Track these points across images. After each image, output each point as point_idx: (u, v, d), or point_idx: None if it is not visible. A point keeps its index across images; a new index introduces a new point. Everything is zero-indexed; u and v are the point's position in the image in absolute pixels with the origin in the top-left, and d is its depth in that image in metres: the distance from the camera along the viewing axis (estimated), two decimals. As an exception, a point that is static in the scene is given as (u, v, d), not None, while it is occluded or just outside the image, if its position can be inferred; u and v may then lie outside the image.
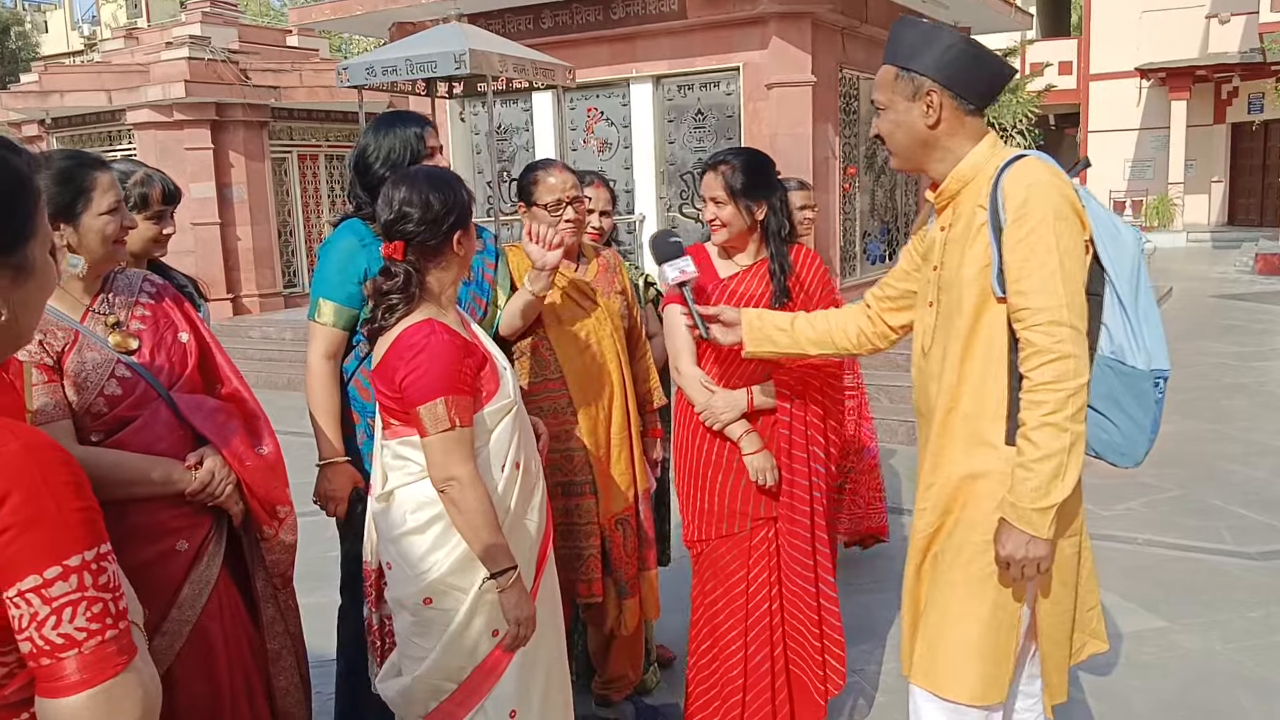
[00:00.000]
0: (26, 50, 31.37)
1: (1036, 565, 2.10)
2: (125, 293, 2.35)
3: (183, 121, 13.21)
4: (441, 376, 2.19)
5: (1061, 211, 2.08)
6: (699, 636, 3.05)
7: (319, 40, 16.79)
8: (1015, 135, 20.82)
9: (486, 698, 2.32)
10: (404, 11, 10.85)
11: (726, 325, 2.73)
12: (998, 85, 2.28)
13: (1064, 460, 2.04)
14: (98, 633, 1.20)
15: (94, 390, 2.19)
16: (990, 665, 2.20)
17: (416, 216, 2.27)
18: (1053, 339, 2.04)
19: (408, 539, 2.30)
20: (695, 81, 10.10)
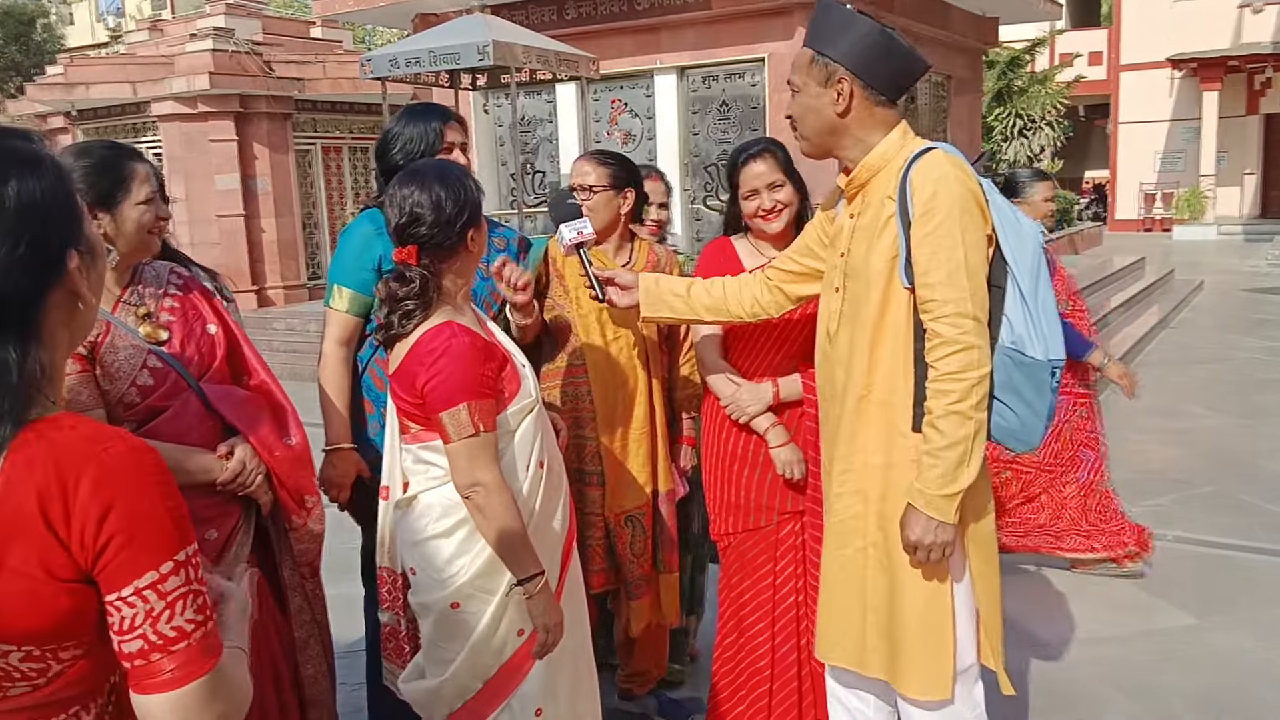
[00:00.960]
0: (52, 42, 31.60)
1: (943, 549, 2.17)
2: (154, 285, 2.37)
3: (207, 113, 13.27)
4: (464, 381, 2.14)
5: (966, 206, 2.14)
6: (725, 630, 3.02)
7: (342, 32, 16.84)
8: (1044, 127, 20.58)
9: (512, 696, 2.30)
10: (427, 3, 10.84)
11: (623, 289, 2.74)
12: (909, 78, 2.32)
13: (969, 447, 2.12)
14: (202, 624, 1.24)
15: (126, 380, 2.21)
16: (935, 659, 2.27)
17: (429, 218, 2.20)
18: (958, 330, 2.11)
19: (432, 544, 2.27)
20: (720, 73, 10.04)
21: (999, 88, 20.55)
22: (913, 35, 11.07)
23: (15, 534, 1.16)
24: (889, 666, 2.31)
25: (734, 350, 2.97)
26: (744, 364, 2.95)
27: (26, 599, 1.18)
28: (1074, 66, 23.25)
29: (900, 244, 2.18)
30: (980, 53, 13.94)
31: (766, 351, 2.88)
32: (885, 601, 2.30)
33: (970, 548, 2.30)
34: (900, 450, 2.25)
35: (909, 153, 2.23)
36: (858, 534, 2.34)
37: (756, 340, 2.92)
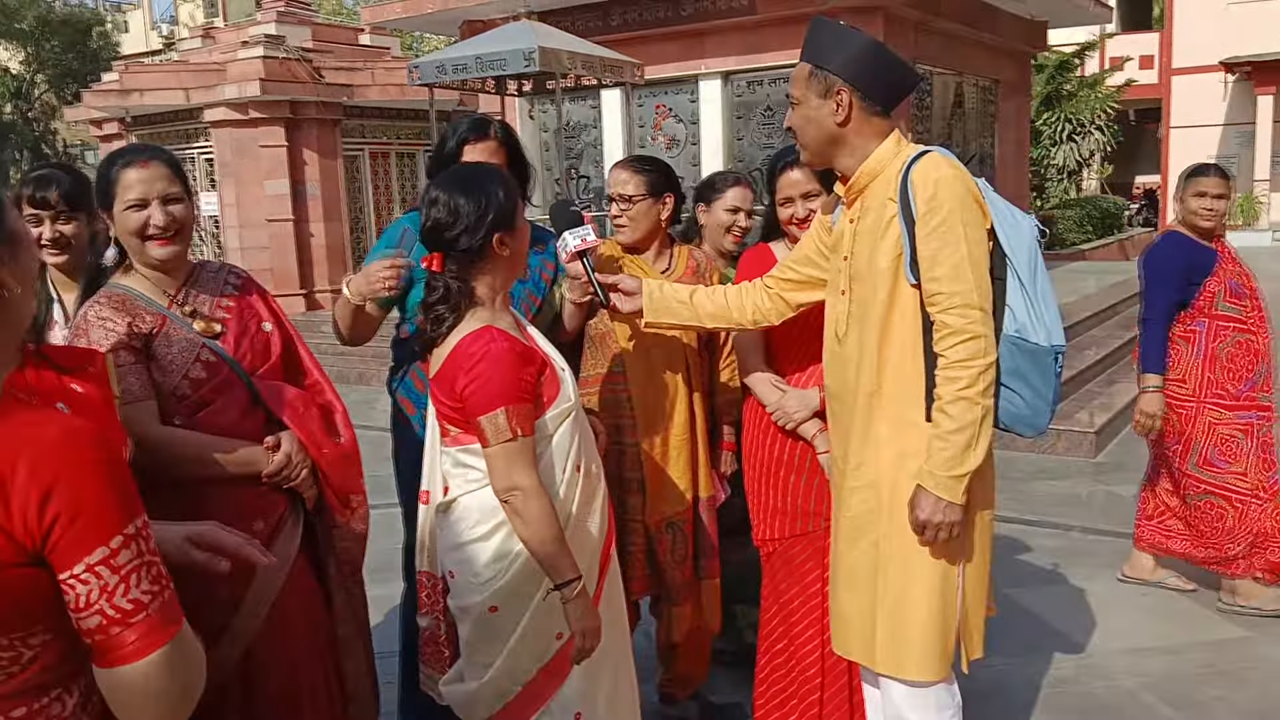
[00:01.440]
0: (107, 50, 32.26)
1: (950, 529, 2.27)
2: (210, 287, 2.43)
3: (258, 119, 13.47)
4: (502, 386, 2.15)
5: (966, 203, 2.27)
6: (771, 635, 3.02)
7: (390, 39, 17.01)
8: (1093, 131, 20.34)
9: (552, 699, 2.30)
10: (474, 9, 10.94)
11: (627, 294, 2.79)
12: (903, 89, 2.47)
13: (976, 431, 2.24)
14: (159, 594, 1.26)
15: (179, 373, 2.26)
16: (946, 639, 2.38)
17: (448, 224, 2.22)
18: (965, 320, 2.23)
19: (471, 548, 2.29)
20: (765, 77, 10.03)
21: (1048, 92, 20.34)
22: (960, 39, 11.00)
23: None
24: (894, 658, 2.39)
25: (776, 354, 2.98)
26: (786, 368, 2.95)
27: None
28: (1124, 70, 22.97)
29: (904, 242, 2.30)
30: (1029, 56, 13.81)
31: (808, 356, 2.88)
32: (897, 591, 2.37)
33: (970, 530, 2.39)
34: (911, 440, 2.34)
35: (906, 156, 2.35)
36: (871, 528, 2.42)
37: (798, 344, 2.92)
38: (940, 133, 11.07)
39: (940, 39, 10.56)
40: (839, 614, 2.54)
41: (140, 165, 2.29)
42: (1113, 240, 17.41)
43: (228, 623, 2.23)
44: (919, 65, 10.31)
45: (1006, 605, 3.87)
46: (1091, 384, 8.08)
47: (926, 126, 10.65)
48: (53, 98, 30.71)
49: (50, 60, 30.69)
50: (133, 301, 2.29)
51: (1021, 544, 5.11)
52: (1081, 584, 4.60)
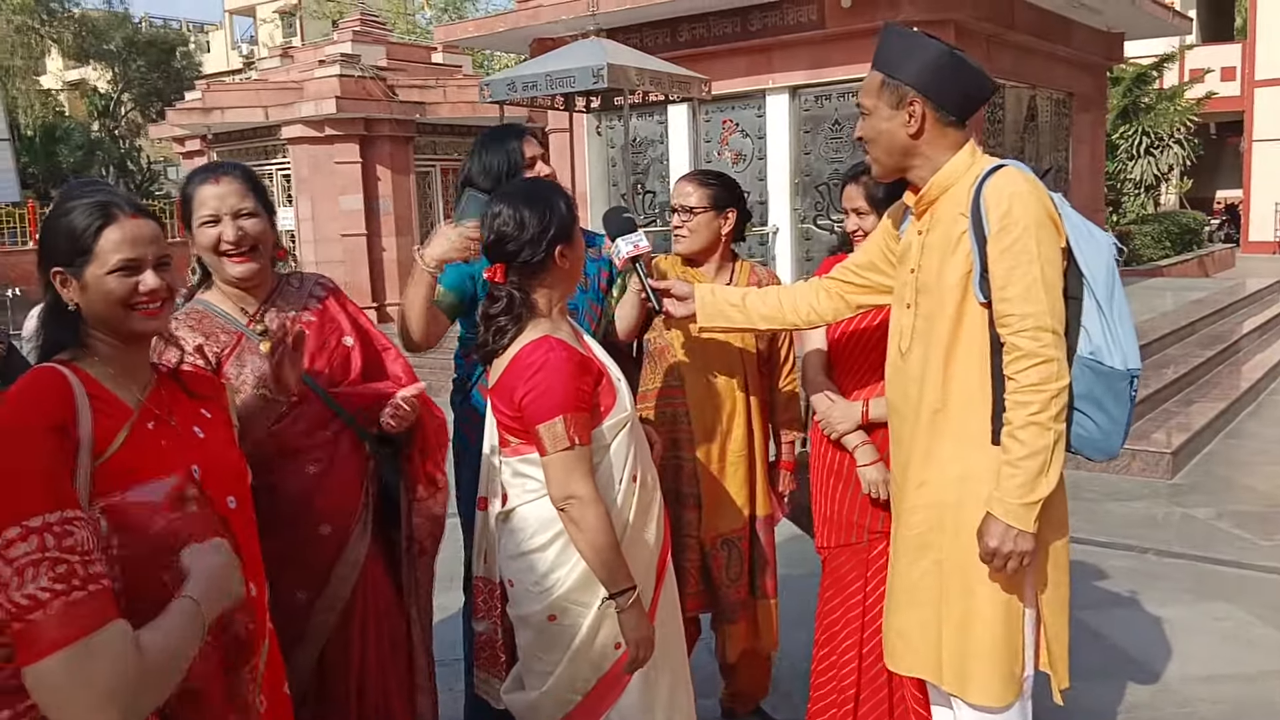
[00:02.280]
0: (190, 69, 33.23)
1: (1021, 558, 2.19)
2: (293, 301, 2.44)
3: (333, 136, 13.79)
4: (561, 395, 2.18)
5: (1041, 220, 2.19)
6: (819, 643, 3.02)
7: (462, 57, 17.29)
8: (1172, 145, 19.85)
9: (611, 710, 2.31)
10: (544, 28, 11.08)
11: (680, 299, 2.77)
12: (979, 99, 2.37)
13: (1048, 458, 2.16)
14: (62, 594, 1.22)
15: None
16: (1011, 665, 2.31)
17: (513, 237, 2.26)
18: (1038, 343, 2.15)
19: (530, 557, 2.31)
20: (833, 91, 10.00)
21: (1125, 105, 19.92)
22: (1034, 52, 10.85)
23: None
24: (957, 678, 2.33)
25: (835, 369, 2.98)
26: (843, 382, 2.96)
27: None
28: (1205, 82, 22.40)
29: (974, 259, 2.23)
30: (1105, 69, 13.56)
31: (864, 371, 2.89)
32: (961, 614, 2.31)
33: (1044, 559, 2.31)
34: (977, 463, 2.27)
35: (979, 170, 2.27)
36: (933, 548, 2.36)
37: (855, 360, 2.93)
38: (1012, 146, 10.91)
39: (1013, 52, 10.43)
40: (898, 631, 2.48)
41: (214, 181, 2.30)
42: (1192, 256, 16.95)
43: (305, 627, 2.28)
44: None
45: (1078, 628, 3.77)
46: (1168, 403, 7.88)
47: (998, 140, 10.51)
48: (138, 116, 31.73)
49: (136, 79, 31.71)
50: (210, 319, 2.32)
51: (1094, 566, 5.00)
52: (1156, 608, 4.48)
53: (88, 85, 34.23)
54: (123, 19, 32.05)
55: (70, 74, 35.59)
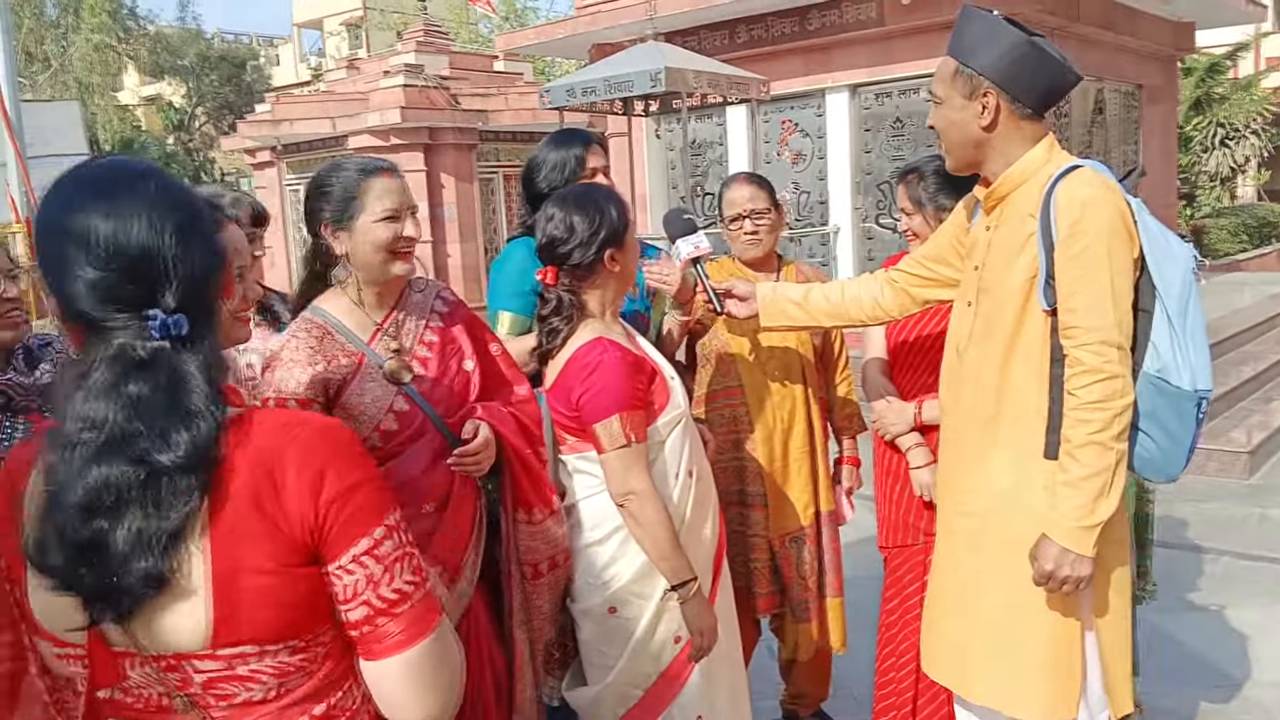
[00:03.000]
0: (260, 82, 33.97)
1: (1077, 583, 2.08)
2: (418, 312, 2.28)
3: (398, 145, 14.02)
4: (616, 394, 2.23)
5: (1115, 229, 2.05)
6: (881, 642, 3.01)
7: (523, 64, 17.46)
8: (1248, 136, 19.30)
9: (672, 704, 2.34)
10: (603, 33, 11.14)
11: (741, 299, 2.74)
12: (1060, 91, 2.21)
13: (1109, 479, 2.04)
14: (421, 584, 1.27)
15: (370, 424, 2.13)
16: (1060, 682, 2.18)
17: (563, 240, 2.32)
18: (1102, 359, 2.03)
19: (590, 551, 2.36)
20: (894, 89, 9.91)
21: (1197, 96, 19.43)
22: (1100, 44, 10.64)
23: (243, 535, 1.19)
24: (1003, 693, 2.22)
25: (894, 371, 2.98)
26: (901, 384, 2.95)
27: (274, 594, 1.20)
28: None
29: (1041, 264, 2.10)
30: (1175, 60, 13.24)
31: (921, 372, 2.88)
32: (1001, 626, 2.21)
33: (1103, 580, 2.19)
34: (1028, 473, 2.17)
35: (1055, 168, 2.14)
36: (976, 554, 2.26)
37: (913, 362, 2.92)
38: (1080, 140, 10.71)
39: (1078, 44, 10.23)
40: (934, 633, 2.42)
41: (387, 175, 2.16)
42: (1270, 250, 16.44)
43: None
44: (1056, 72, 10.02)
45: (1151, 632, 3.71)
46: (1246, 401, 7.67)
47: (1065, 135, 10.32)
48: (211, 129, 32.52)
49: (209, 94, 32.52)
50: (332, 338, 2.16)
51: (1168, 569, 4.88)
52: (1232, 611, 4.37)
53: (163, 100, 35.16)
54: (196, 35, 32.90)
55: (146, 89, 36.59)
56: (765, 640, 3.41)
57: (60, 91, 26.00)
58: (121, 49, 29.27)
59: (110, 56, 28.47)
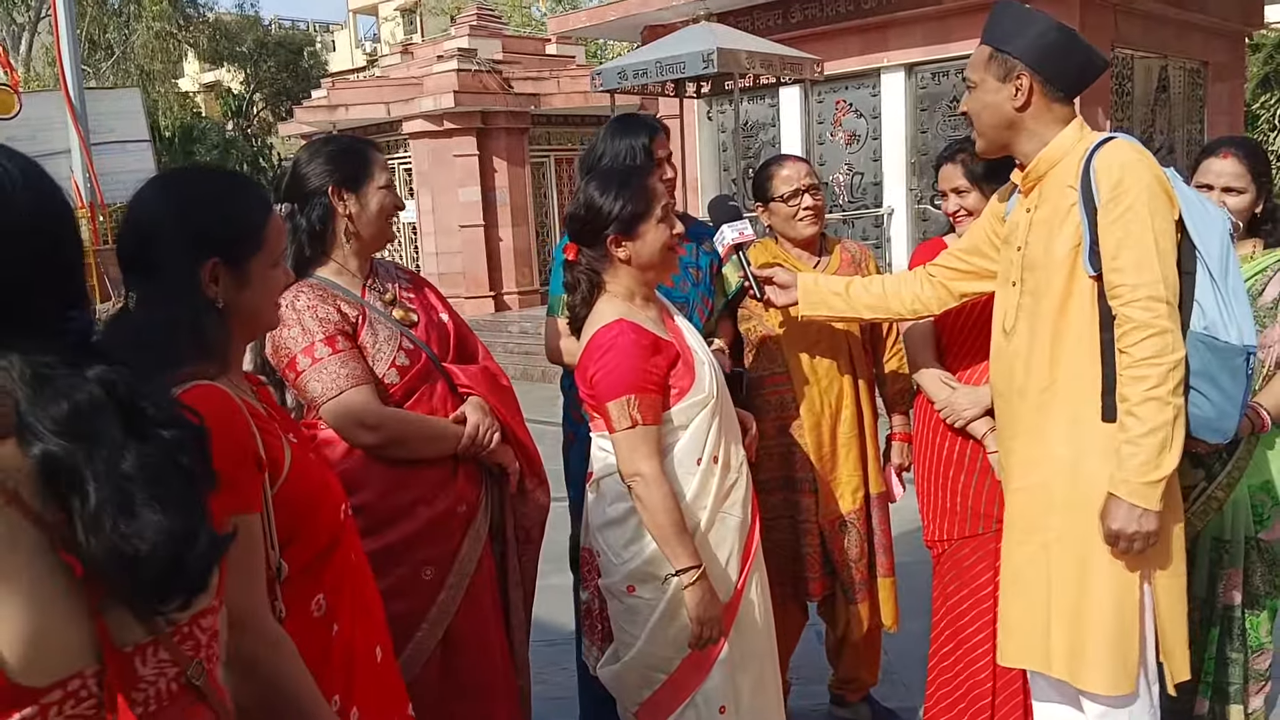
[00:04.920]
0: (317, 68, 34.31)
1: (1146, 538, 2.13)
2: (389, 277, 2.51)
3: (452, 130, 14.11)
4: (626, 375, 2.24)
5: (1154, 191, 2.14)
6: (940, 638, 2.97)
7: (575, 47, 17.45)
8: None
9: (697, 692, 2.34)
10: (655, 15, 11.10)
11: (782, 287, 2.78)
12: (1089, 75, 2.33)
13: (1169, 433, 2.10)
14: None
15: (387, 361, 2.34)
16: (1122, 652, 2.23)
17: (577, 217, 2.38)
18: (1151, 314, 2.09)
19: (611, 529, 2.38)
20: (950, 68, 9.75)
21: (1266, 73, 18.84)
22: (1165, 20, 10.38)
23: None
24: (1070, 664, 2.26)
25: (946, 350, 2.93)
26: (955, 364, 2.89)
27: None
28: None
29: (1084, 231, 2.18)
30: (1243, 36, 12.86)
31: (978, 352, 2.81)
32: (1072, 596, 2.25)
33: (1160, 542, 2.22)
34: (1087, 440, 2.22)
35: (1088, 144, 2.23)
36: (1040, 529, 2.31)
37: (969, 340, 2.86)
38: (1143, 120, 10.47)
39: (1142, 21, 9.99)
40: (1007, 623, 2.44)
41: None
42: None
43: (432, 603, 2.35)
44: (1119, 50, 9.81)
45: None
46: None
47: (1127, 114, 10.09)
48: (269, 115, 32.96)
49: (267, 80, 32.94)
50: (331, 292, 2.36)
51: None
52: None
53: (222, 87, 35.73)
54: (254, 22, 33.31)
55: (206, 76, 37.20)
56: (813, 624, 3.40)
57: (122, 79, 26.47)
58: (182, 36, 29.70)
59: (171, 44, 28.89)
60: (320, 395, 2.24)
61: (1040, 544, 2.32)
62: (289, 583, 1.59)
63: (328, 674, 1.60)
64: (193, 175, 1.72)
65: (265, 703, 1.43)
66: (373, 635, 1.77)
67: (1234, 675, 2.85)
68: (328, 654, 1.63)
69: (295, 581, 1.60)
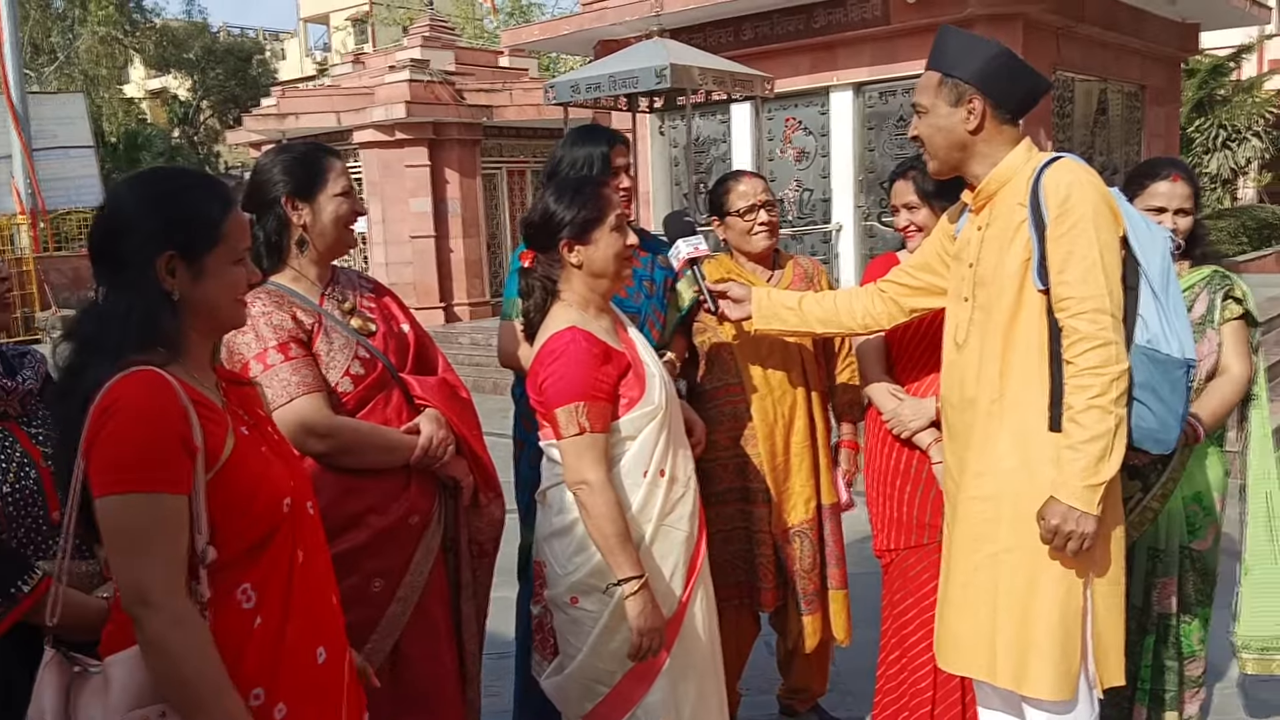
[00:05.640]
0: (266, 76, 33.98)
1: (1081, 539, 2.19)
2: (350, 285, 2.51)
3: (403, 140, 14.02)
4: (576, 382, 2.26)
5: (1100, 208, 2.23)
6: (888, 647, 3.02)
7: (528, 60, 17.44)
8: (1250, 138, 19.28)
9: (638, 705, 2.34)
10: (608, 30, 11.15)
11: (736, 302, 2.84)
12: (1034, 97, 2.41)
13: (1110, 442, 2.18)
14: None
15: (341, 369, 2.34)
16: (1069, 657, 2.29)
17: (532, 223, 2.42)
18: (1097, 326, 2.17)
19: (556, 539, 2.38)
20: (898, 87, 9.91)
21: (1200, 97, 19.40)
22: (1104, 45, 10.65)
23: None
24: (1015, 673, 2.31)
25: (895, 363, 2.99)
26: (904, 377, 2.96)
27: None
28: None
29: (1033, 247, 2.26)
30: (1179, 61, 13.24)
31: (927, 365, 2.89)
32: (1020, 605, 2.30)
33: (1100, 546, 2.30)
34: (1035, 450, 2.29)
35: (1036, 164, 2.32)
36: (989, 539, 2.36)
37: (918, 353, 2.94)
38: (1082, 141, 10.72)
39: (1083, 44, 10.24)
40: (949, 630, 2.48)
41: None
42: (1270, 252, 16.41)
43: (381, 615, 2.34)
44: (1061, 72, 10.05)
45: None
46: (1245, 402, 7.68)
47: (1068, 135, 10.33)
48: (216, 122, 32.55)
49: (215, 87, 32.53)
50: (287, 298, 2.35)
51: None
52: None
53: (168, 93, 35.19)
54: (202, 29, 32.92)
55: (152, 83, 36.62)
56: (764, 635, 3.44)
57: (66, 84, 26.00)
58: (128, 42, 29.28)
59: (116, 49, 28.47)
60: (271, 402, 2.23)
61: (989, 554, 2.36)
62: (217, 569, 1.62)
63: (245, 665, 1.63)
64: (161, 173, 1.76)
65: (167, 678, 1.52)
66: (316, 637, 1.77)
67: (1170, 682, 2.93)
68: (244, 645, 1.64)
69: (224, 568, 1.63)
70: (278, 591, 1.70)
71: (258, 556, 1.69)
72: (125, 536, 1.53)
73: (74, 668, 1.63)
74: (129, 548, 1.53)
